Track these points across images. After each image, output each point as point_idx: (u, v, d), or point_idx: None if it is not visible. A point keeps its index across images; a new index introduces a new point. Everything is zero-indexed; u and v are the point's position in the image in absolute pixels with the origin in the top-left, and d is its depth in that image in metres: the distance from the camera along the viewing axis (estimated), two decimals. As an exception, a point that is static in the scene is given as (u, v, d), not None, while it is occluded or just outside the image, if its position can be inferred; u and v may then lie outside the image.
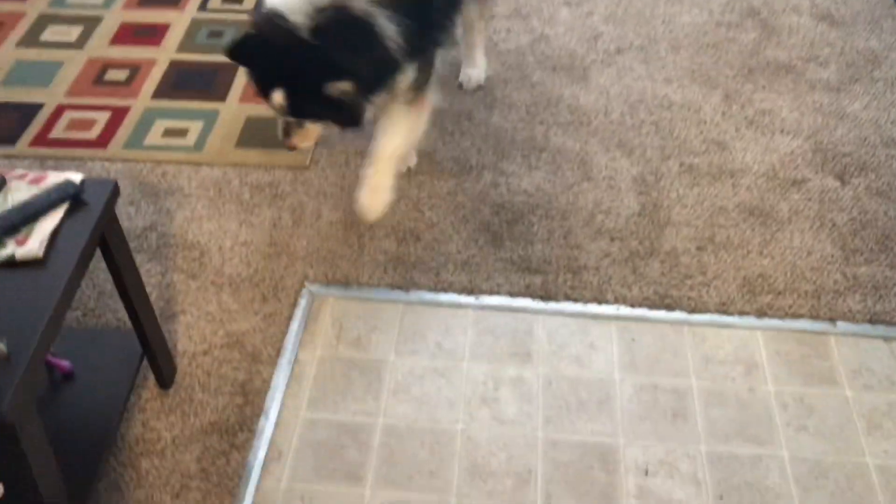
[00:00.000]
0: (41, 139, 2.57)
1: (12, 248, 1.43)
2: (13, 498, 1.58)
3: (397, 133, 2.24)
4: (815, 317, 2.14)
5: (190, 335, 2.06)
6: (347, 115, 2.06)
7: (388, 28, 1.97)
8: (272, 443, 1.87)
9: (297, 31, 1.91)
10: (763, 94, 2.76)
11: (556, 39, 2.97)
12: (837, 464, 1.86)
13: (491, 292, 2.18)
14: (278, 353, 2.03)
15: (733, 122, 2.66)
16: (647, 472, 1.84)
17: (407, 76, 2.14)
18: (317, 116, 2.09)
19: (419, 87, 2.22)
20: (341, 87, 1.92)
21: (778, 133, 2.63)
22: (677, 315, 2.15)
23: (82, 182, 1.54)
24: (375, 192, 2.24)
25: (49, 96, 2.72)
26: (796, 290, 2.19)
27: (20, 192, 1.52)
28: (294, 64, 1.95)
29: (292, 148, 2.18)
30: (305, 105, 2.02)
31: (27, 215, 1.47)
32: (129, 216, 2.33)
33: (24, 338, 1.31)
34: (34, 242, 1.44)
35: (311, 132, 2.14)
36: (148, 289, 1.90)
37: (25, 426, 1.30)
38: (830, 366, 2.05)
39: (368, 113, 2.12)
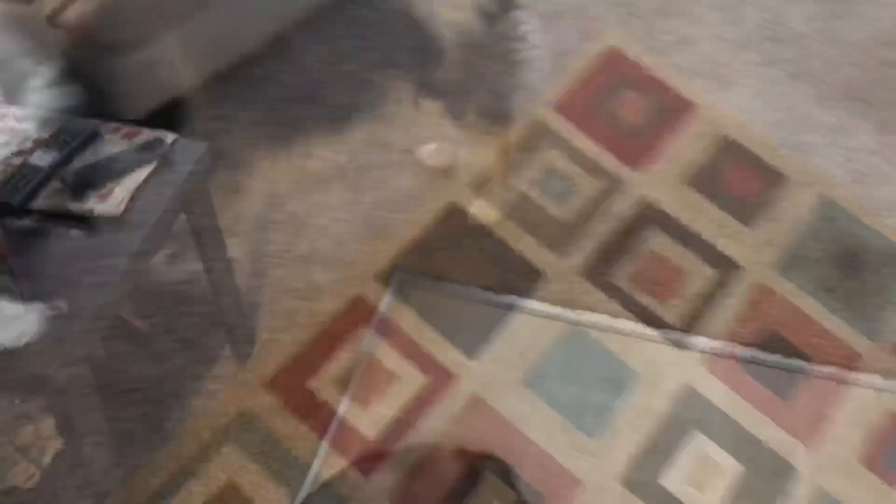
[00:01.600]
0: None
1: (93, 203, 1.40)
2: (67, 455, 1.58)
3: None
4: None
5: (273, 311, 2.01)
6: None
7: None
8: (337, 434, 1.80)
9: None
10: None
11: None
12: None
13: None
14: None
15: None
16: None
17: None
18: None
19: None
20: None
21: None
22: None
23: (174, 141, 1.49)
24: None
25: None
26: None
27: (112, 144, 1.49)
28: None
29: None
30: None
31: (113, 171, 1.43)
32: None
33: (89, 296, 1.27)
34: (114, 200, 1.40)
35: None
36: (242, 248, 1.81)
37: (76, 387, 1.26)
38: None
39: None
